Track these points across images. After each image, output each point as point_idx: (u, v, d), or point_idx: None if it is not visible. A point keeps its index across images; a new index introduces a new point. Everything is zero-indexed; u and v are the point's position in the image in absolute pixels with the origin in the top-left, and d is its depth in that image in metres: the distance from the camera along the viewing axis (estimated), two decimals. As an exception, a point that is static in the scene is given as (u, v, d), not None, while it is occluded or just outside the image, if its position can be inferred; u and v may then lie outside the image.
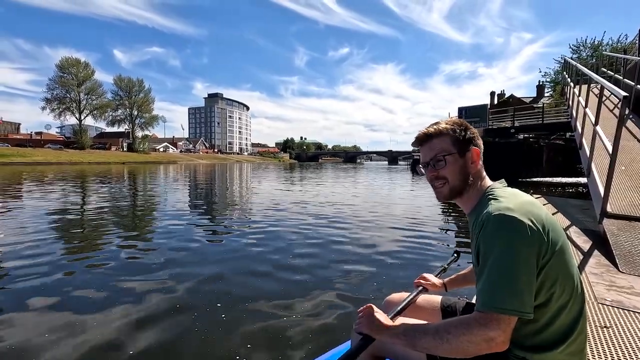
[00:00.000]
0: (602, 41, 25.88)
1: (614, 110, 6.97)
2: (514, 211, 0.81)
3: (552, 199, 5.66)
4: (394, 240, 4.84)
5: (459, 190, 1.00)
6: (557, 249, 0.82)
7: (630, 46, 19.31)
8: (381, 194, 11.75)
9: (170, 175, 22.86)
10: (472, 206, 1.00)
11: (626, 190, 3.71)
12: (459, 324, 0.80)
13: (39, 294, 2.85)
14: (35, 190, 11.36)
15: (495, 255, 0.79)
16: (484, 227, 0.84)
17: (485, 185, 1.00)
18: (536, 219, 0.81)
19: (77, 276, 3.32)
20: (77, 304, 2.67)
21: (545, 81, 31.94)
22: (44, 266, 3.54)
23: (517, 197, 0.89)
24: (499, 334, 0.76)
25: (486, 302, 0.78)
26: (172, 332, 2.27)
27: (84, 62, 60.54)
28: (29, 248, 4.23)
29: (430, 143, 1.02)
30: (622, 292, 1.99)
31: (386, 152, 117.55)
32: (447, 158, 0.98)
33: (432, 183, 1.04)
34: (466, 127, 1.01)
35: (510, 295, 0.76)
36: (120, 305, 2.66)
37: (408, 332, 0.87)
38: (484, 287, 0.80)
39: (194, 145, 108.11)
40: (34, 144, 53.59)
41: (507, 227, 0.80)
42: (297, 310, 2.60)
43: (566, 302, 0.83)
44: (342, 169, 40.67)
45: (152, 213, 7.36)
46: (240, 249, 4.36)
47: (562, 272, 0.83)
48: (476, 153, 1.00)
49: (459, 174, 0.99)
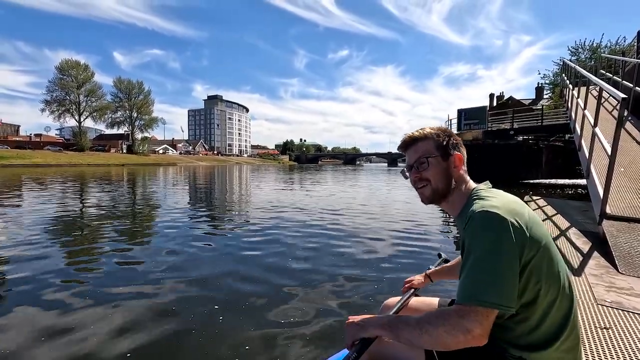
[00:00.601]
0: (601, 43, 26.04)
1: (613, 112, 6.99)
2: (498, 208, 0.84)
3: (551, 201, 5.66)
4: (392, 244, 4.83)
5: (442, 193, 1.03)
6: (541, 247, 0.84)
7: (628, 48, 19.39)
8: (379, 197, 11.75)
9: (170, 177, 22.85)
10: (459, 209, 1.03)
11: (625, 192, 3.71)
12: (439, 315, 0.82)
13: (33, 298, 2.84)
14: (33, 193, 11.35)
15: (477, 250, 0.81)
16: (469, 223, 0.87)
17: (470, 188, 1.03)
18: (519, 216, 0.84)
19: (72, 278, 3.32)
20: (71, 307, 2.66)
21: (544, 83, 32.08)
22: (38, 269, 3.53)
23: (501, 196, 0.92)
24: (476, 326, 0.77)
25: (465, 294, 0.80)
26: (166, 336, 2.26)
27: (83, 64, 60.69)
28: (23, 251, 4.22)
29: (415, 146, 1.05)
30: (621, 293, 1.99)
31: (386, 154, 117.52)
32: (430, 160, 1.02)
33: (416, 185, 1.07)
34: (450, 134, 1.05)
35: (489, 289, 0.78)
36: (114, 309, 2.65)
37: (392, 322, 0.88)
38: (465, 281, 0.82)
39: (193, 147, 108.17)
40: (33, 146, 53.62)
41: (490, 224, 0.82)
42: (294, 315, 2.58)
43: (554, 299, 0.84)
44: (341, 171, 40.67)
45: (150, 216, 7.35)
46: (237, 252, 4.34)
47: (547, 269, 0.84)
48: (459, 158, 1.03)
49: (441, 177, 1.02)
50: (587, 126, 4.96)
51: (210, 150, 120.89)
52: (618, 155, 3.17)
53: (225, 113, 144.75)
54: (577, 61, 24.67)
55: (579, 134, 5.55)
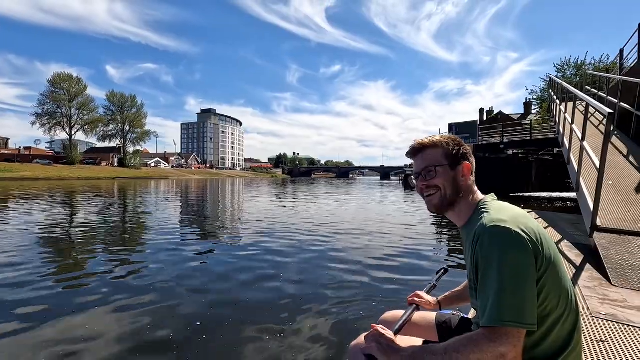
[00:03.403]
0: (585, 60, 26.87)
1: (600, 127, 7.16)
2: (508, 223, 0.82)
3: (543, 214, 5.72)
4: (387, 257, 4.81)
5: (450, 201, 1.01)
6: (552, 261, 0.82)
7: (612, 66, 20.07)
8: (374, 210, 11.76)
9: (161, 191, 22.60)
10: (465, 219, 1.01)
11: (615, 204, 3.77)
12: (467, 342, 0.78)
13: (19, 314, 2.74)
14: (16, 207, 11.10)
15: (496, 269, 0.78)
16: (480, 240, 0.84)
17: (477, 199, 1.01)
18: (529, 231, 0.82)
19: (58, 296, 3.22)
20: (58, 324, 2.58)
21: (532, 98, 32.84)
22: (21, 287, 3.43)
23: (510, 209, 0.90)
24: (510, 349, 0.74)
25: (493, 316, 0.76)
26: (156, 354, 2.19)
27: (76, 78, 60.37)
28: (5, 268, 4.09)
29: (424, 154, 1.04)
30: (615, 305, 1.99)
31: (379, 168, 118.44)
32: (437, 169, 1.00)
33: (423, 193, 1.05)
34: (459, 144, 1.04)
35: (517, 308, 0.75)
36: (103, 326, 2.57)
37: (416, 354, 0.84)
38: (489, 301, 0.78)
39: (186, 161, 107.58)
40: (22, 159, 52.72)
41: (504, 240, 0.80)
42: (290, 331, 2.53)
43: (562, 314, 0.82)
44: (335, 185, 40.72)
45: (136, 232, 7.21)
46: (228, 268, 4.26)
47: (557, 283, 0.82)
48: (467, 167, 1.02)
49: (449, 185, 1.00)
50: (575, 140, 5.07)
51: (203, 163, 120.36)
52: (607, 168, 3.23)
53: (219, 126, 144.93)
54: (563, 77, 25.42)
55: (568, 147, 5.66)
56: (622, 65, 9.49)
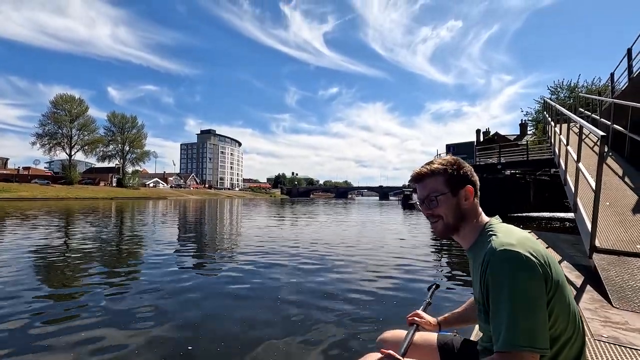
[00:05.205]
0: (578, 83, 27.50)
1: (594, 148, 7.26)
2: (517, 247, 0.82)
3: (542, 234, 5.71)
4: (386, 277, 4.76)
5: (454, 227, 1.02)
6: (560, 284, 0.83)
7: (603, 88, 20.55)
8: (373, 230, 11.71)
9: (159, 211, 22.49)
10: (471, 242, 1.01)
11: (613, 225, 3.78)
12: None
13: (7, 339, 2.69)
14: (11, 228, 11.01)
15: (507, 294, 0.78)
16: (490, 264, 0.84)
17: (482, 222, 1.01)
18: (538, 254, 0.82)
19: (51, 317, 3.16)
20: (50, 348, 2.52)
21: (527, 120, 33.35)
22: (10, 309, 3.37)
23: (517, 232, 0.91)
24: None
25: (509, 341, 0.76)
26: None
27: (78, 99, 61.23)
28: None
29: (424, 182, 1.04)
30: (617, 328, 1.98)
31: (377, 188, 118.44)
32: (439, 198, 1.00)
33: (428, 219, 1.07)
34: (459, 166, 1.02)
35: (530, 332, 0.75)
36: (91, 348, 2.52)
37: None
38: (503, 327, 0.78)
39: (184, 181, 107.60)
40: (20, 179, 52.62)
41: (515, 264, 0.80)
42: (290, 351, 2.49)
43: (570, 336, 0.82)
44: (333, 205, 40.63)
45: (132, 253, 7.13)
46: (225, 289, 4.21)
47: (564, 307, 0.83)
48: (469, 191, 1.01)
49: (452, 212, 1.00)
50: (571, 161, 5.13)
51: (202, 183, 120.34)
52: (604, 189, 3.27)
53: (218, 147, 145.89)
54: (557, 99, 25.90)
55: (564, 168, 5.72)
56: (614, 88, 9.74)
